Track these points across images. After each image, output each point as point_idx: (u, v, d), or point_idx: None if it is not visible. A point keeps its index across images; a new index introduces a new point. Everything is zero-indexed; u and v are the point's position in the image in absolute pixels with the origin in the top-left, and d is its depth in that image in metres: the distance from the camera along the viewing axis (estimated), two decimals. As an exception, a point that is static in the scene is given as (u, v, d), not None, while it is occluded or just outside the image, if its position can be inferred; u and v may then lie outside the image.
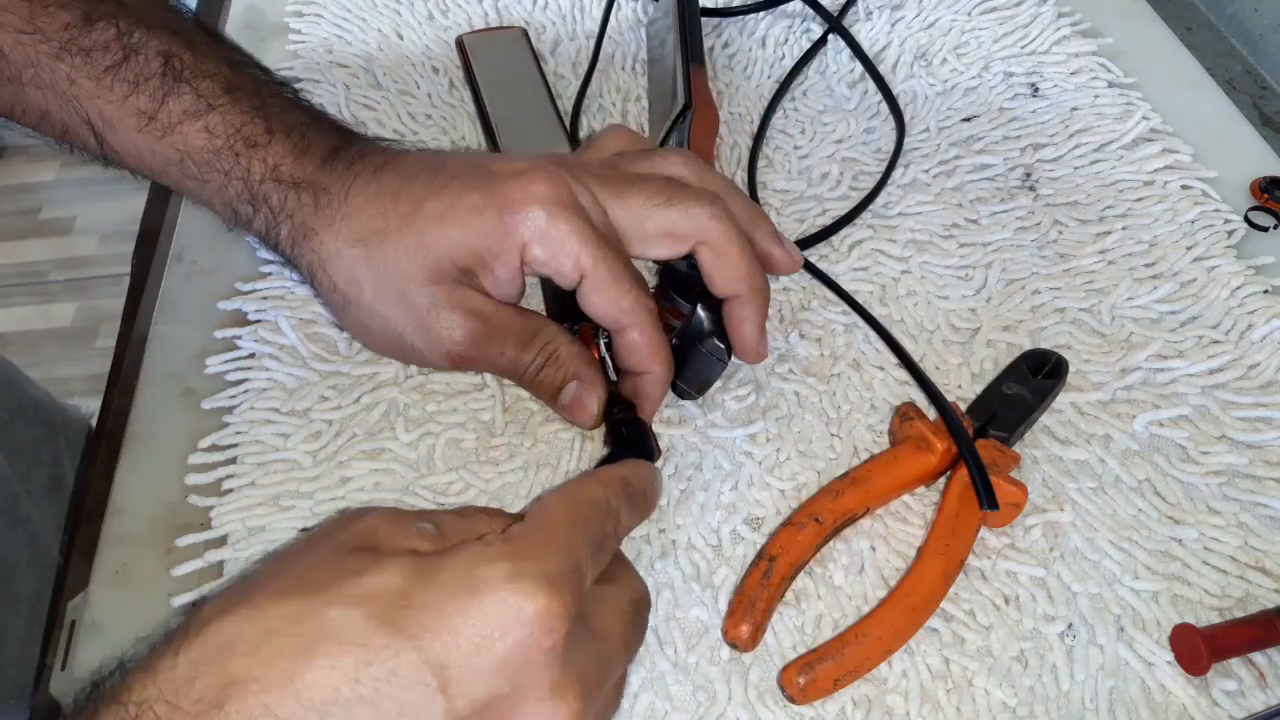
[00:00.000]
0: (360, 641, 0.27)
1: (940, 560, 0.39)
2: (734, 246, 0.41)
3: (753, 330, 0.43)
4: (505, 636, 0.28)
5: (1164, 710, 0.37)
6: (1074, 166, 0.56)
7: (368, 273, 0.41)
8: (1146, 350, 0.47)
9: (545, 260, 0.40)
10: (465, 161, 0.42)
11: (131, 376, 0.48)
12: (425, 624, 0.27)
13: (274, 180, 0.42)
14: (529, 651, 0.28)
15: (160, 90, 0.42)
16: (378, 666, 0.27)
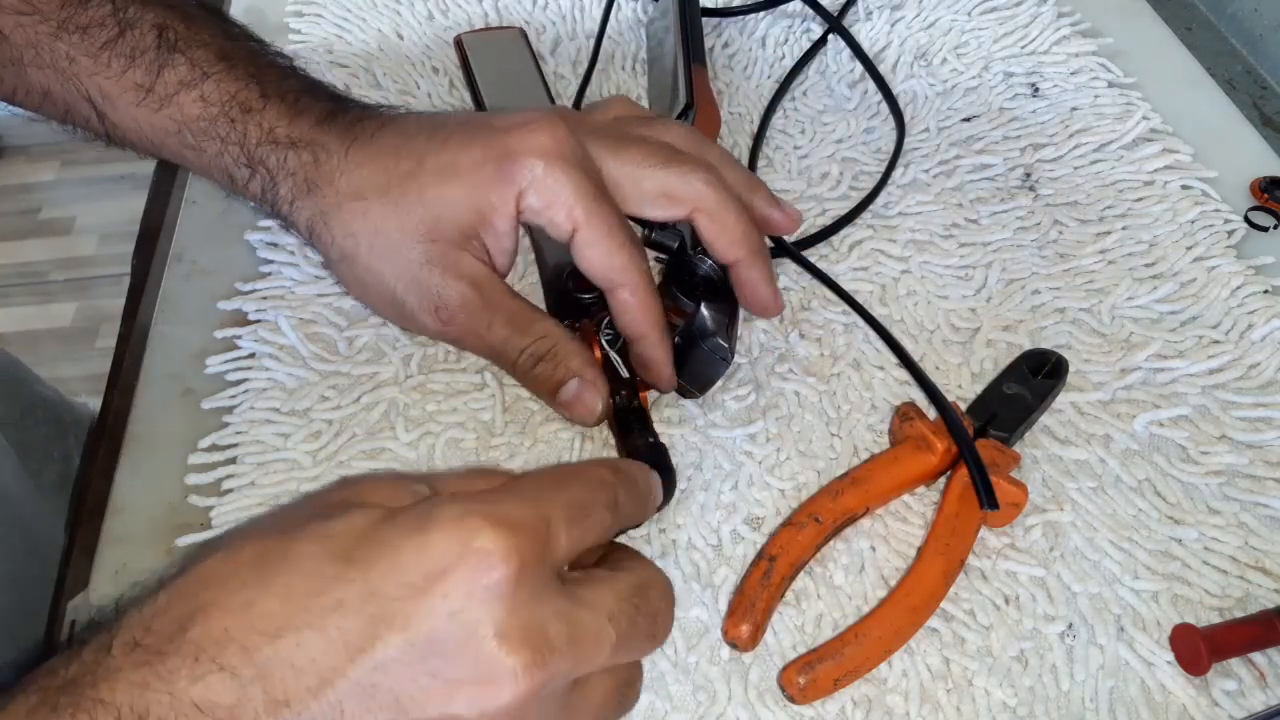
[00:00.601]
0: (313, 572, 0.28)
1: (940, 560, 0.39)
2: (729, 213, 0.41)
3: (763, 287, 0.43)
4: (448, 571, 0.28)
5: (1164, 710, 0.37)
6: (1074, 166, 0.56)
7: (365, 227, 0.42)
8: (1146, 350, 0.47)
9: (540, 209, 0.40)
10: (465, 119, 0.43)
11: (131, 376, 0.48)
12: (374, 559, 0.28)
13: (270, 143, 0.43)
14: (471, 586, 0.28)
15: (156, 62, 0.43)
16: (326, 597, 0.28)
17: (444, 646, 0.27)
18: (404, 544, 0.28)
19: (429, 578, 0.28)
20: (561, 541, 0.30)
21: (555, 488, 0.31)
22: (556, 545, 0.30)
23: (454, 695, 0.27)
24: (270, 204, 0.44)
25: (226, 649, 0.27)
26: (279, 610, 0.28)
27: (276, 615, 0.28)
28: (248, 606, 0.28)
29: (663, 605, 0.33)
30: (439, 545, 0.28)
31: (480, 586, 0.28)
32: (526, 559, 0.28)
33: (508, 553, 0.28)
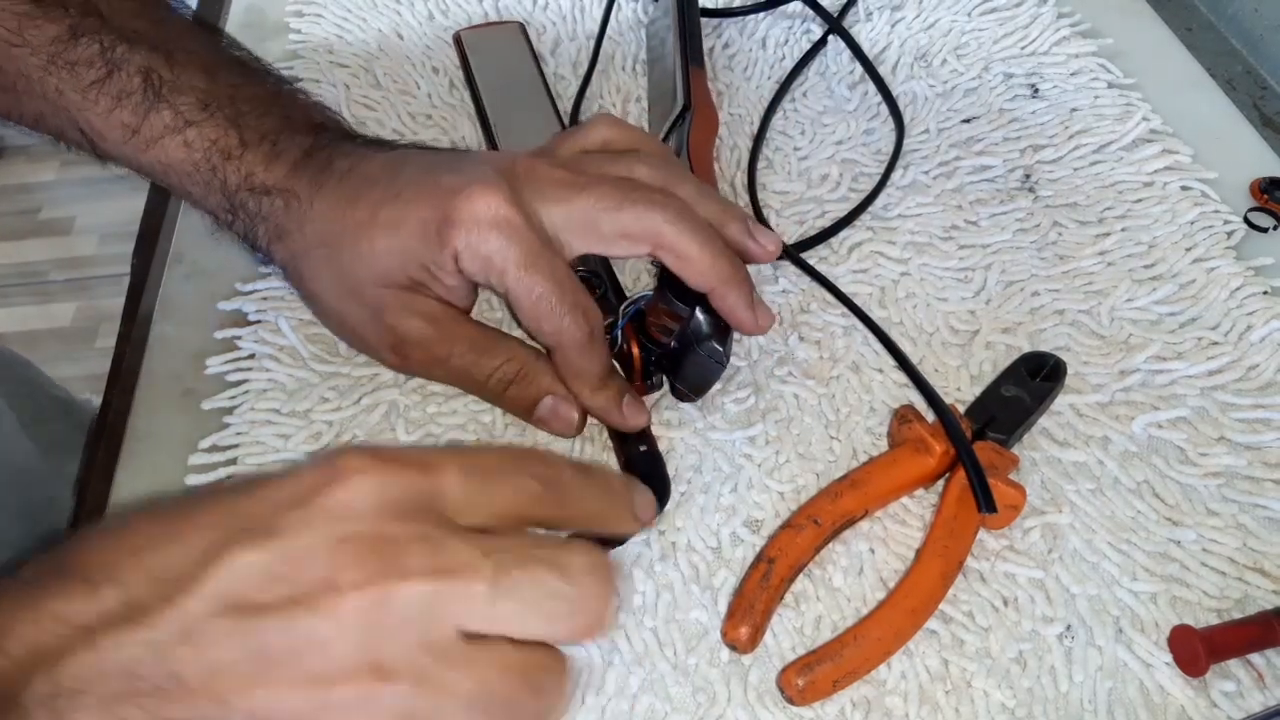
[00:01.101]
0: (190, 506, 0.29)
1: (939, 562, 0.39)
2: (692, 246, 0.41)
3: (742, 311, 0.43)
4: (312, 490, 0.28)
5: (1162, 711, 0.37)
6: (1074, 168, 0.56)
7: (327, 272, 0.44)
8: (1145, 352, 0.47)
9: (475, 272, 0.41)
10: (421, 169, 0.43)
11: (131, 376, 0.48)
12: (252, 491, 0.29)
13: (248, 189, 0.44)
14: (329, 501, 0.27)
15: (142, 106, 0.44)
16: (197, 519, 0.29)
17: (293, 556, 0.27)
18: (279, 477, 0.29)
19: (294, 498, 0.28)
20: (450, 486, 0.29)
21: (467, 448, 0.32)
22: (442, 487, 0.29)
23: (298, 605, 0.27)
24: (252, 244, 0.46)
25: (92, 567, 0.28)
26: (147, 530, 0.29)
27: (144, 534, 0.28)
28: (120, 534, 0.29)
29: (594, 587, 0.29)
30: (311, 473, 0.28)
31: (338, 501, 0.27)
32: (397, 487, 0.28)
33: (375, 477, 0.28)
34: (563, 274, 0.41)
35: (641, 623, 0.39)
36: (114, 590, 0.27)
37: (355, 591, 0.26)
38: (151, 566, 0.27)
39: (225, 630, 0.27)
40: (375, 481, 0.28)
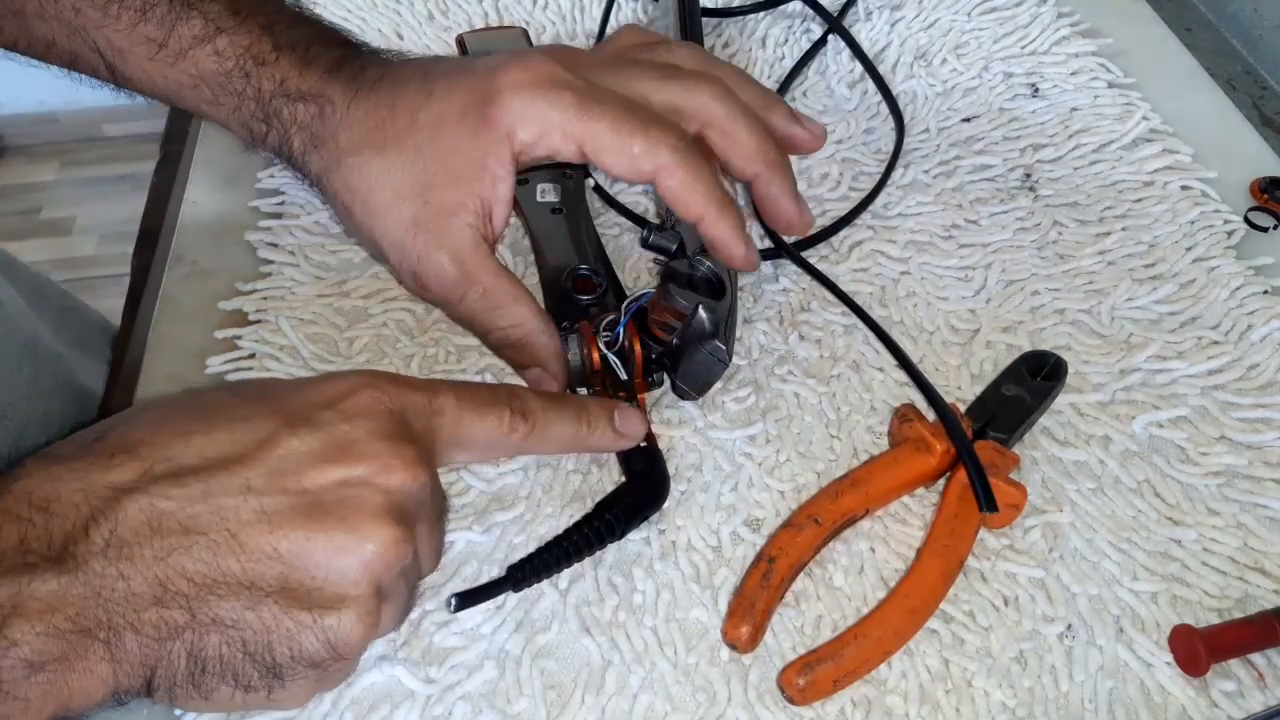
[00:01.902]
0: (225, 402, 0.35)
1: (939, 561, 0.39)
2: (740, 125, 0.41)
3: (787, 203, 0.42)
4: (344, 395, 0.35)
5: (1163, 711, 0.37)
6: (1074, 167, 0.56)
7: (361, 184, 0.43)
8: (1146, 351, 0.47)
9: (535, 141, 0.40)
10: (451, 65, 0.43)
11: (131, 376, 0.48)
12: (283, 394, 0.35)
13: (283, 95, 0.43)
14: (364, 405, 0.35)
15: (169, 17, 0.43)
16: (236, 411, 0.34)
17: (343, 441, 0.33)
18: (309, 384, 0.36)
19: (328, 398, 0.34)
20: (446, 406, 0.37)
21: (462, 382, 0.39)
22: (439, 406, 0.36)
23: (350, 473, 0.33)
24: (285, 157, 0.44)
25: (139, 446, 0.32)
26: (190, 421, 0.33)
27: (188, 423, 0.33)
28: (161, 423, 0.33)
29: None
30: (338, 383, 0.35)
31: (369, 403, 0.34)
32: (407, 400, 0.36)
33: (392, 391, 0.35)
34: (624, 106, 0.40)
35: (641, 622, 0.39)
36: (165, 462, 0.31)
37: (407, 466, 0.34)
38: (203, 449, 0.32)
39: (284, 498, 0.32)
40: (391, 396, 0.35)
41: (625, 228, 0.54)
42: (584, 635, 0.39)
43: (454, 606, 0.38)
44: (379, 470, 0.33)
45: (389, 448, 0.34)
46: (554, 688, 0.38)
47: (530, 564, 0.39)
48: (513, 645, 0.38)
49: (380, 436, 0.34)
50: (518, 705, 0.37)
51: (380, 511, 0.33)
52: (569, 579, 0.40)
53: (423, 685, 0.37)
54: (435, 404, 0.36)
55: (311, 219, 0.53)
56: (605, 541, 0.40)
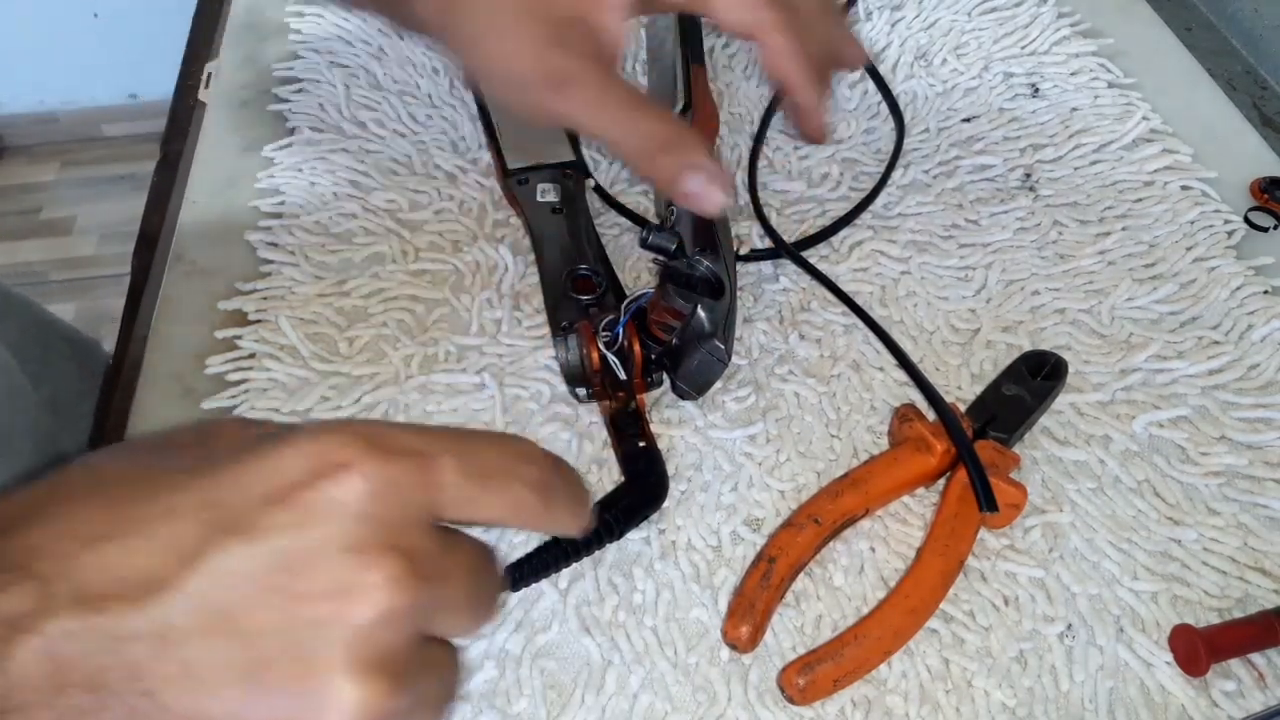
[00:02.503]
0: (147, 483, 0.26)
1: (939, 561, 0.39)
2: None
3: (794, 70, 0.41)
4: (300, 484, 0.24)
5: (1163, 711, 0.37)
6: (1074, 167, 0.56)
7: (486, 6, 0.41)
8: (1146, 351, 0.47)
9: None
10: None
11: (131, 376, 0.48)
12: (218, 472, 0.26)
13: None
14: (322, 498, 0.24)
15: None
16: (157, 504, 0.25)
17: (292, 559, 0.24)
18: (255, 459, 0.25)
19: (278, 490, 0.24)
20: (447, 484, 0.25)
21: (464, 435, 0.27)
22: (439, 484, 0.25)
23: (301, 609, 0.23)
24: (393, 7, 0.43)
25: (39, 559, 0.24)
26: (101, 518, 0.25)
27: (98, 523, 0.25)
28: (68, 516, 0.25)
29: (495, 584, 0.28)
30: (294, 459, 0.24)
31: (333, 497, 0.24)
32: (394, 480, 0.24)
33: (370, 474, 0.24)
34: None
35: (642, 622, 0.39)
36: (68, 585, 0.24)
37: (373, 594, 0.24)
38: (112, 565, 0.24)
39: (207, 632, 0.24)
40: (372, 480, 0.24)
41: (625, 228, 0.54)
42: (584, 635, 0.39)
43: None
44: (342, 601, 0.24)
45: (357, 564, 0.24)
46: (554, 688, 0.38)
47: (529, 564, 0.39)
48: (513, 645, 0.38)
49: (345, 547, 0.24)
50: (518, 705, 0.37)
51: (346, 662, 0.24)
52: (569, 579, 0.40)
53: (423, 685, 0.37)
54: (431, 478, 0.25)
55: (311, 219, 0.53)
56: (604, 541, 0.40)
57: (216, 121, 0.59)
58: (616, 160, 0.57)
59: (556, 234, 0.51)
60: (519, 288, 0.50)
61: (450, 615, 0.26)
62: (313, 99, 0.60)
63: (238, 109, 0.50)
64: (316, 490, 0.24)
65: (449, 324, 0.49)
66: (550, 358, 0.47)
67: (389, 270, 0.51)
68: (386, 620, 0.24)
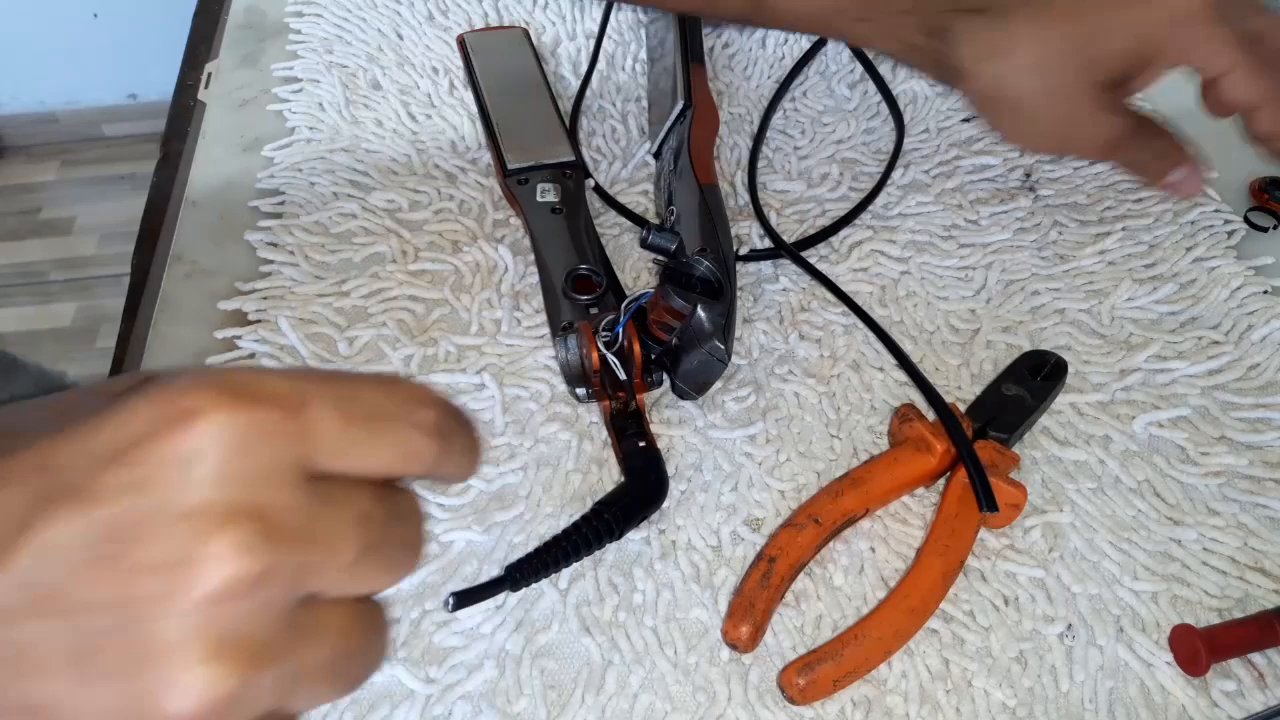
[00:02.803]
0: None
1: (939, 561, 0.39)
2: None
3: None
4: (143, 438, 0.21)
5: (1163, 711, 0.37)
6: (1074, 167, 0.56)
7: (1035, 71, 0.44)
8: (1146, 351, 0.47)
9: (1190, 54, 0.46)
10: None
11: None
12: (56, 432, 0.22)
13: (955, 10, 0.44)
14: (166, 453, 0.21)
15: None
16: None
17: (127, 526, 0.21)
18: (101, 413, 0.22)
19: (119, 448, 0.21)
20: (322, 431, 0.22)
21: (345, 378, 0.24)
22: (312, 433, 0.22)
23: (136, 582, 0.21)
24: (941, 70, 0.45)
25: None
26: None
27: None
28: None
29: (415, 532, 0.25)
30: (142, 410, 0.21)
31: (179, 452, 0.21)
32: (255, 430, 0.21)
33: (227, 422, 0.21)
34: None
35: (642, 621, 0.39)
36: None
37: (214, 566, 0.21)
38: None
39: (34, 612, 0.21)
40: (226, 430, 0.21)
41: (625, 228, 0.54)
42: (584, 635, 0.39)
43: (451, 606, 0.38)
44: (180, 572, 0.21)
45: (198, 529, 0.21)
46: (554, 687, 0.38)
47: (529, 563, 0.39)
48: (513, 645, 0.38)
49: (186, 511, 0.21)
50: (518, 705, 0.37)
51: (186, 642, 0.21)
52: (569, 578, 0.40)
53: (422, 685, 0.37)
54: (301, 426, 0.22)
55: (311, 219, 0.53)
56: (604, 541, 0.40)
57: (216, 121, 0.59)
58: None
59: (556, 234, 0.51)
60: (519, 288, 0.50)
61: (340, 572, 0.22)
62: (313, 99, 0.60)
63: (238, 109, 0.51)
64: (159, 444, 0.21)
65: (449, 324, 0.49)
66: (550, 358, 0.47)
67: (389, 270, 0.51)
68: (233, 592, 0.21)
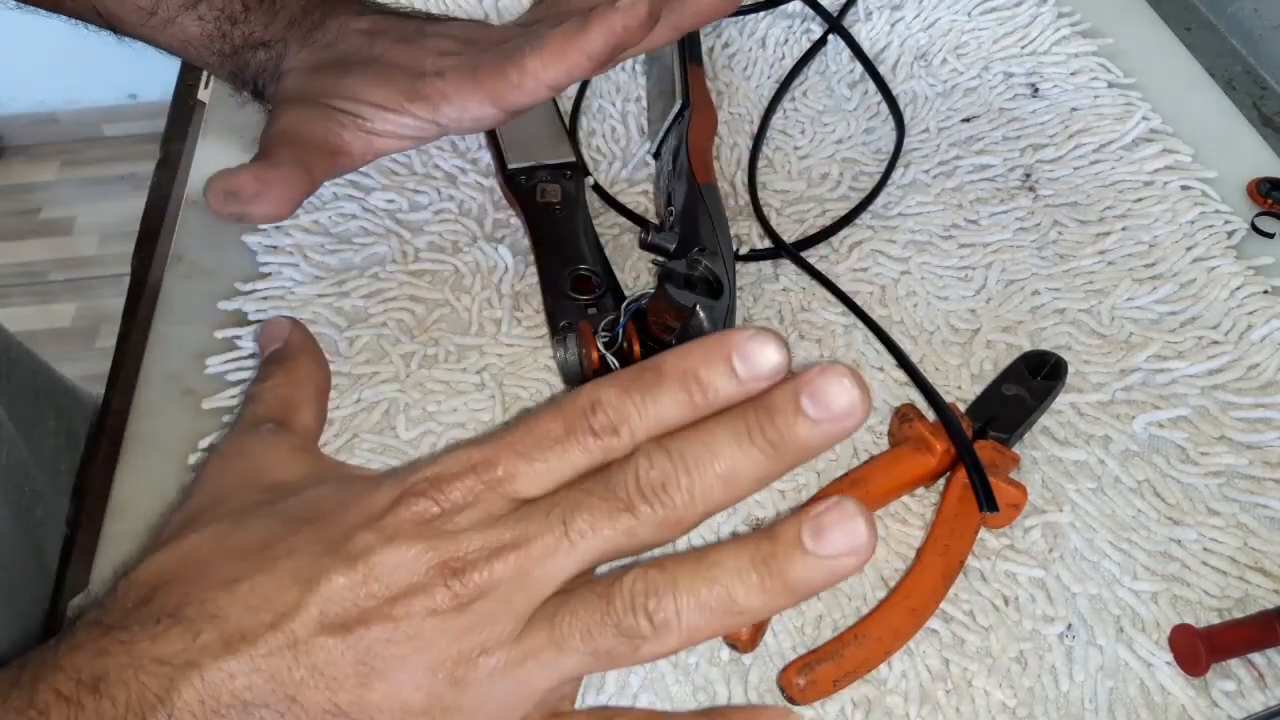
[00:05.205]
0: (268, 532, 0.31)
1: (940, 561, 0.39)
2: None
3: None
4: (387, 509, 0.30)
5: (1163, 711, 0.37)
6: (1074, 167, 0.56)
7: None
8: (1146, 351, 0.47)
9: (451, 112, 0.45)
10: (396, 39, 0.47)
11: (131, 376, 0.48)
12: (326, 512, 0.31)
13: (249, 46, 0.48)
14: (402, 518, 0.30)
15: None
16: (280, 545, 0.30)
17: (380, 570, 0.29)
18: (354, 498, 0.31)
19: (371, 517, 0.30)
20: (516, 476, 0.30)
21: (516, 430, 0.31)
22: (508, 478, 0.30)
23: (390, 610, 0.28)
24: (260, 99, 0.49)
25: (185, 606, 0.29)
26: (233, 565, 0.30)
27: (231, 570, 0.30)
28: (204, 571, 0.30)
29: None
30: (384, 491, 0.30)
31: (412, 514, 0.29)
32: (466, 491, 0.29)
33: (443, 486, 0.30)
34: None
35: (642, 622, 0.39)
36: (212, 625, 0.28)
37: (443, 588, 0.28)
38: (248, 599, 0.29)
39: (333, 644, 0.28)
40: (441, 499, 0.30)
41: (625, 228, 0.54)
42: (584, 635, 0.39)
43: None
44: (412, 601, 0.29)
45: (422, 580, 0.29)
46: (554, 687, 0.38)
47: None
48: (512, 645, 0.38)
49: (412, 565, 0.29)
50: (517, 705, 0.37)
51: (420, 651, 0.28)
52: (569, 579, 0.40)
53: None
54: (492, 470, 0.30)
55: (311, 219, 0.53)
56: None
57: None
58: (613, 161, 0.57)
59: (556, 234, 0.51)
60: (519, 288, 0.50)
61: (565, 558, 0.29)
62: (313, 99, 0.59)
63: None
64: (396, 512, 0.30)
65: (449, 324, 0.49)
66: (550, 358, 0.47)
67: (389, 270, 0.51)
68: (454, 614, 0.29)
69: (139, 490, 0.44)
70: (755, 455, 0.28)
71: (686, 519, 0.28)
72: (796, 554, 0.27)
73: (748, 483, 0.28)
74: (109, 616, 0.30)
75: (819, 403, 0.27)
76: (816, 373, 0.27)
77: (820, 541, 0.27)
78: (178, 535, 0.32)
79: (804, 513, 0.27)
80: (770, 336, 0.28)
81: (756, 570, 0.27)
